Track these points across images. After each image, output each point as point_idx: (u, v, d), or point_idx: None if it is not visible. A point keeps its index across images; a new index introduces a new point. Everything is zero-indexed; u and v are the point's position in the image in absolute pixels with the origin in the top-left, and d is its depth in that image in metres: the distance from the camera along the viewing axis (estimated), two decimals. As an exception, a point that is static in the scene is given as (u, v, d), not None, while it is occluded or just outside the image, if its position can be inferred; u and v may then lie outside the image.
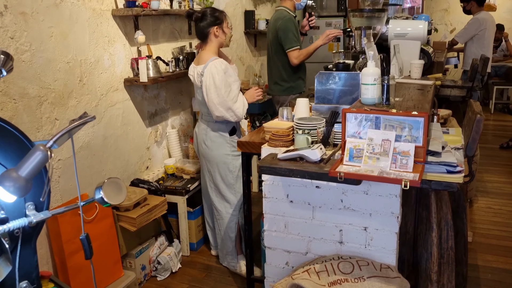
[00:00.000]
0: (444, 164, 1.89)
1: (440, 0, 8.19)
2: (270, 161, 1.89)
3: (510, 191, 4.00)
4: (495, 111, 7.01)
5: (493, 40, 5.12)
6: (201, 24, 2.71)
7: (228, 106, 2.63)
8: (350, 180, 1.71)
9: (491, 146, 5.33)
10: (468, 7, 5.04)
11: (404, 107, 1.93)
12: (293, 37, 3.48)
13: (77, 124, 1.00)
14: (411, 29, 3.25)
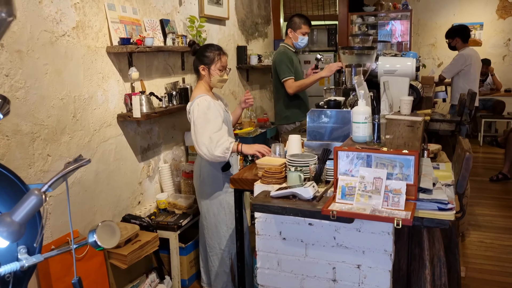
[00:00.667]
0: (435, 201, 1.91)
1: (427, 35, 8.40)
2: (263, 199, 1.90)
3: (502, 225, 4.02)
4: (484, 143, 7.10)
5: (479, 75, 5.25)
6: (195, 58, 2.77)
7: (211, 145, 2.52)
8: (343, 218, 1.72)
9: (481, 179, 5.37)
10: (453, 43, 5.18)
11: (394, 145, 1.96)
12: (286, 68, 3.61)
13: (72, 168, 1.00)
14: (400, 66, 3.34)
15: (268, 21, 5.81)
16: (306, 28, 3.74)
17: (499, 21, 7.96)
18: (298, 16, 3.77)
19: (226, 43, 4.54)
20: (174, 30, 3.50)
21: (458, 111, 4.35)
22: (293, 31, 3.74)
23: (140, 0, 3.20)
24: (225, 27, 4.54)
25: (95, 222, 2.79)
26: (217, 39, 4.37)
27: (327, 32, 6.12)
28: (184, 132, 3.72)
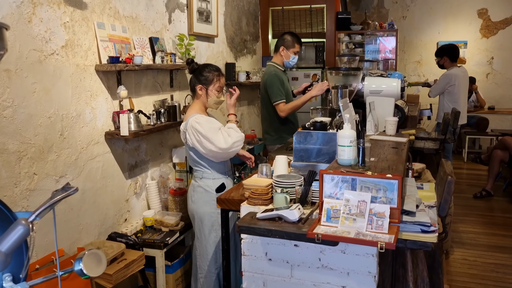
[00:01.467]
0: (419, 223, 1.94)
1: (413, 52, 8.56)
2: (249, 220, 1.91)
3: (485, 242, 4.07)
4: (468, 160, 7.21)
5: (465, 94, 5.35)
6: (192, 77, 2.76)
7: (224, 147, 2.59)
8: (328, 241, 1.74)
9: (465, 196, 5.45)
10: (442, 62, 5.28)
11: (379, 168, 2.00)
12: (278, 91, 3.60)
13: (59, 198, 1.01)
14: (386, 86, 3.40)
15: (256, 38, 5.88)
16: (298, 47, 3.74)
17: (483, 40, 8.15)
18: (291, 35, 3.75)
19: (215, 60, 4.58)
20: (163, 48, 3.53)
21: (442, 130, 4.42)
22: (285, 49, 3.72)
23: (130, 19, 3.22)
24: (214, 44, 4.59)
25: (80, 240, 2.78)
26: (206, 56, 4.40)
27: (315, 49, 6.19)
28: (171, 149, 3.73)
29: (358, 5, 8.67)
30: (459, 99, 5.11)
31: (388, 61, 6.37)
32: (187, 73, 4.01)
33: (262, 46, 6.04)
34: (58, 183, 2.60)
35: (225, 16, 4.85)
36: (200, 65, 2.78)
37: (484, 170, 6.04)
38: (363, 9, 8.48)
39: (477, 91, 7.63)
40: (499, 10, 7.99)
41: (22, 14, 2.34)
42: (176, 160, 3.72)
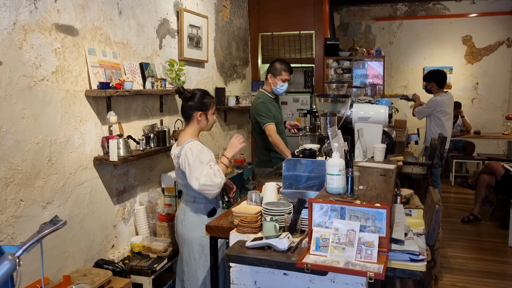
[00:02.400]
0: (407, 252, 1.95)
1: (400, 77, 8.70)
2: (238, 249, 1.90)
3: (473, 267, 4.08)
4: (455, 184, 7.28)
5: (451, 119, 5.43)
6: (187, 104, 2.72)
7: (205, 183, 2.57)
8: (317, 271, 1.74)
9: (453, 220, 5.48)
10: (429, 87, 5.36)
11: (368, 196, 2.01)
12: (265, 115, 3.60)
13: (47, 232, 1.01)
14: (374, 113, 3.44)
15: (246, 62, 5.95)
16: (287, 75, 3.68)
17: (468, 65, 8.33)
18: (279, 62, 3.71)
19: (204, 85, 4.61)
20: (153, 74, 3.55)
21: (430, 155, 4.47)
22: (273, 77, 3.68)
23: (121, 44, 3.25)
24: (204, 69, 4.63)
25: (66, 267, 2.73)
26: (196, 81, 4.44)
27: (303, 74, 6.28)
28: (160, 173, 3.71)
29: (346, 31, 8.83)
30: (446, 125, 5.18)
31: (376, 86, 6.47)
32: (177, 98, 4.03)
33: (252, 71, 6.11)
34: (45, 210, 2.57)
35: (215, 42, 4.91)
36: (192, 92, 2.76)
37: (472, 194, 6.09)
38: (351, 35, 8.64)
39: (463, 115, 7.75)
40: (482, 37, 8.19)
41: (13, 40, 2.35)
42: (165, 185, 3.71)
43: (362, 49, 6.65)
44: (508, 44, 8.09)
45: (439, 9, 8.40)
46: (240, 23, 5.71)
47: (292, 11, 6.08)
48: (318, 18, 6.02)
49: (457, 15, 8.27)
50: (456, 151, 7.78)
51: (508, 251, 4.47)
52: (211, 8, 4.79)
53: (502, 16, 8.04)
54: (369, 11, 8.74)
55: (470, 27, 8.24)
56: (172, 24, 3.98)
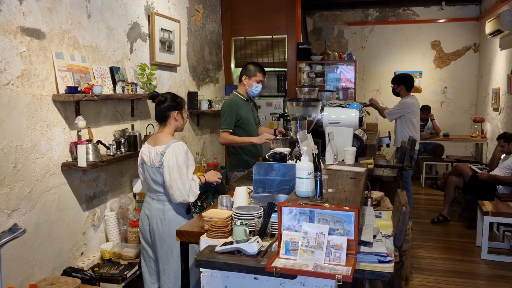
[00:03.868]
0: (376, 254, 1.98)
1: (372, 81, 8.84)
2: (208, 254, 1.90)
3: (443, 267, 4.17)
4: (426, 185, 7.43)
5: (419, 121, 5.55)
6: (163, 107, 2.77)
7: (188, 187, 2.64)
8: (286, 275, 1.75)
9: (423, 221, 5.59)
10: (398, 90, 5.46)
11: (336, 199, 2.04)
12: (226, 119, 3.61)
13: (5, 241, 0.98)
14: (345, 116, 3.48)
15: (219, 67, 5.95)
16: (261, 76, 3.74)
17: (436, 70, 8.53)
18: (253, 64, 3.78)
19: (177, 89, 4.58)
20: (124, 78, 3.51)
21: (400, 158, 4.56)
22: (248, 78, 3.72)
23: (90, 48, 3.20)
24: (176, 73, 4.60)
25: (33, 276, 2.67)
26: (168, 85, 4.41)
27: (276, 78, 6.31)
28: (132, 179, 3.67)
29: (319, 35, 8.93)
30: (415, 127, 5.29)
31: (348, 90, 6.56)
32: (149, 103, 3.99)
33: (225, 75, 6.11)
34: (10, 217, 2.50)
35: (187, 46, 4.89)
36: (164, 96, 2.80)
37: (441, 195, 6.22)
38: (324, 39, 8.74)
39: (433, 118, 7.92)
40: (450, 42, 8.41)
41: (-25, 44, 2.28)
42: (137, 190, 3.66)
43: (334, 53, 6.73)
44: (475, 49, 8.33)
45: (408, 14, 8.58)
46: (213, 27, 5.71)
47: (264, 16, 6.11)
48: (290, 22, 6.06)
49: (426, 21, 8.48)
50: (426, 154, 7.95)
51: (475, 250, 4.58)
52: (183, 12, 4.78)
53: (469, 22, 8.27)
54: (341, 16, 8.87)
55: (438, 32, 8.45)
56: (143, 28, 3.95)
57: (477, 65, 8.31)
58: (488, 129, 7.46)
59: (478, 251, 4.49)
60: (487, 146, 7.45)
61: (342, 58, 6.62)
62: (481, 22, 7.99)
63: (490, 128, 7.34)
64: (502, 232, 4.73)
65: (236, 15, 6.14)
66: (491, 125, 7.32)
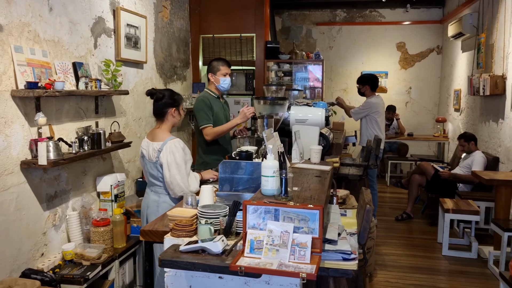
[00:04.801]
0: (340, 252, 2.01)
1: (339, 81, 8.96)
2: (172, 254, 1.87)
3: (406, 264, 4.27)
4: (390, 184, 7.59)
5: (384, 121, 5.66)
6: (161, 103, 2.90)
7: (187, 182, 2.80)
8: (251, 274, 1.74)
9: (387, 219, 5.71)
10: (363, 90, 5.55)
11: (301, 198, 2.04)
12: (204, 115, 3.57)
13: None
14: (312, 115, 3.51)
15: (187, 64, 5.89)
16: (226, 69, 3.69)
17: (401, 71, 8.73)
18: (216, 60, 3.75)
19: (143, 86, 4.51)
20: (87, 74, 3.42)
21: (365, 157, 4.63)
22: (213, 75, 3.67)
23: (51, 43, 3.10)
24: (143, 70, 4.53)
25: (-10, 279, 2.56)
26: (134, 82, 4.33)
27: (245, 76, 6.30)
28: (95, 177, 3.58)
29: (288, 34, 8.97)
30: (380, 126, 5.39)
31: (315, 89, 6.61)
32: (114, 99, 3.91)
33: (193, 73, 6.06)
34: (-35, 218, 2.39)
35: (154, 42, 4.81)
36: (162, 93, 2.92)
37: (405, 193, 6.37)
38: (292, 38, 8.79)
39: (398, 118, 8.10)
40: (415, 44, 8.62)
41: None
42: (100, 189, 3.58)
43: (302, 52, 6.78)
44: (438, 51, 8.56)
45: (375, 16, 8.74)
46: (180, 24, 5.64)
47: (233, 14, 6.09)
48: (259, 21, 6.06)
49: (392, 23, 8.65)
50: (391, 153, 8.12)
51: (437, 247, 4.71)
52: (150, 8, 4.70)
53: (432, 25, 8.50)
54: (309, 16, 8.94)
55: (403, 34, 8.65)
56: (108, 23, 3.86)
57: (440, 67, 8.55)
58: (450, 129, 7.69)
59: (439, 248, 4.62)
60: (449, 145, 7.68)
61: (309, 58, 6.68)
62: (444, 25, 8.22)
63: (452, 128, 7.56)
64: (462, 229, 4.88)
65: (205, 13, 6.10)
66: (452, 125, 7.54)
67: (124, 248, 3.34)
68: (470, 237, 4.61)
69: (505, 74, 5.03)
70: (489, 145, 5.51)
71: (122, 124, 4.02)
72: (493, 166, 5.10)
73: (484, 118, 5.80)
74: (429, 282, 3.87)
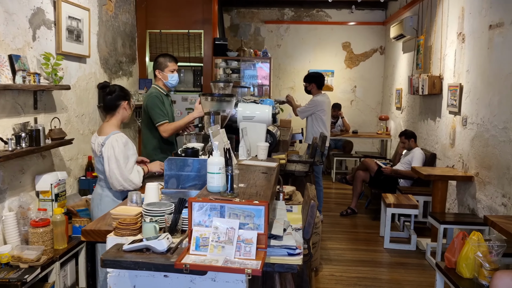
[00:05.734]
0: (285, 247, 2.04)
1: (287, 79, 9.08)
2: (114, 253, 1.82)
3: (350, 257, 4.40)
4: (336, 180, 7.79)
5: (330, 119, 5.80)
6: (114, 96, 2.91)
7: (126, 177, 2.79)
8: (196, 271, 1.73)
9: (333, 214, 5.86)
10: (309, 88, 5.65)
11: (247, 194, 2.05)
12: (160, 112, 3.50)
13: None
14: (259, 112, 3.53)
15: (133, 60, 5.75)
16: (173, 65, 3.65)
17: (347, 70, 8.97)
18: (162, 56, 3.68)
19: (86, 81, 4.36)
20: (25, 67, 3.26)
21: (311, 153, 4.72)
22: (161, 72, 3.61)
23: (-15, 34, 2.93)
24: (85, 65, 4.37)
25: None
26: (76, 77, 4.17)
27: (192, 73, 6.25)
28: (34, 176, 3.43)
29: (236, 32, 8.98)
30: (326, 124, 5.52)
31: (263, 86, 6.67)
32: (54, 94, 3.76)
33: (139, 68, 5.92)
34: None
35: (98, 36, 4.66)
36: (114, 86, 2.96)
37: (350, 189, 6.56)
38: (241, 36, 8.81)
39: (343, 116, 8.32)
40: (360, 44, 8.89)
41: None
42: (39, 188, 3.43)
43: (249, 50, 6.81)
44: (381, 52, 8.87)
45: (322, 16, 8.92)
46: (126, 19, 5.50)
47: (181, 9, 6.01)
48: (207, 17, 6.03)
49: (338, 23, 8.87)
50: (337, 150, 8.34)
51: (379, 240, 4.90)
52: (94, 0, 4.54)
53: (376, 26, 8.79)
54: (258, 14, 8.99)
55: (349, 34, 8.89)
56: (48, 14, 3.69)
57: (383, 67, 8.87)
58: (392, 127, 8.00)
59: (382, 241, 4.81)
60: (391, 142, 7.99)
61: (257, 55, 6.72)
62: (386, 27, 8.53)
63: (394, 126, 7.87)
64: (402, 222, 5.10)
65: (151, 7, 5.98)
66: (394, 123, 7.85)
67: (65, 249, 3.22)
68: (410, 230, 4.82)
69: (442, 74, 5.30)
70: (428, 142, 5.78)
71: (63, 120, 3.86)
72: (431, 162, 5.36)
73: (423, 116, 6.08)
74: (371, 274, 4.02)
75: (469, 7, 4.58)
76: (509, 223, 2.77)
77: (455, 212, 4.67)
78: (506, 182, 3.65)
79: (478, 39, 4.33)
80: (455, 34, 4.94)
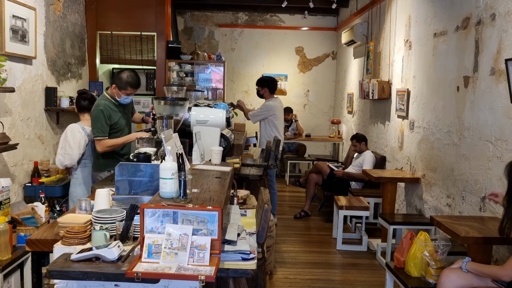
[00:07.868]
0: (239, 252, 2.04)
1: (241, 83, 9.10)
2: (62, 263, 1.75)
3: (303, 260, 4.45)
4: (290, 183, 7.87)
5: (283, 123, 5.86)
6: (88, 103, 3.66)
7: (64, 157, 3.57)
8: (149, 279, 1.69)
9: (287, 217, 5.91)
10: (262, 92, 5.68)
11: (201, 199, 2.04)
12: (100, 127, 3.44)
13: None
14: (213, 116, 3.52)
15: (83, 62, 5.57)
16: (132, 91, 3.59)
17: (300, 74, 9.11)
18: (127, 75, 3.55)
19: (32, 84, 4.18)
20: (-36, 68, 3.08)
21: (265, 157, 4.75)
22: (117, 89, 3.55)
23: None
24: (31, 66, 4.19)
25: None
26: (21, 79, 3.99)
27: (145, 76, 6.14)
28: (-25, 183, 3.24)
29: (190, 35, 8.91)
30: (279, 128, 5.57)
31: (217, 90, 6.65)
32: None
33: (89, 71, 5.75)
34: None
35: (45, 37, 4.49)
36: None
37: (303, 192, 6.65)
38: (195, 39, 8.75)
39: (296, 119, 8.43)
40: (312, 49, 9.05)
41: None
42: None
43: (203, 53, 6.78)
44: (333, 57, 9.07)
45: (275, 20, 9.02)
46: (75, 19, 5.33)
47: (133, 11, 5.90)
48: (160, 20, 5.94)
49: (291, 28, 9.00)
50: (290, 153, 8.44)
51: (332, 242, 4.99)
52: (40, -1, 4.37)
53: (328, 31, 8.99)
54: (212, 17, 8.96)
55: (302, 39, 9.03)
56: (-10, 13, 3.52)
57: (335, 71, 9.07)
58: (344, 130, 8.19)
59: (334, 243, 4.90)
60: (343, 145, 8.18)
61: (211, 59, 6.70)
62: (338, 32, 8.73)
63: (345, 129, 8.06)
64: (354, 224, 5.23)
65: (102, 8, 5.83)
66: (346, 127, 8.04)
67: (9, 259, 3.06)
68: (361, 231, 4.94)
69: (390, 80, 5.48)
70: (378, 145, 5.96)
71: (7, 124, 3.68)
72: (381, 165, 5.53)
73: (373, 120, 6.26)
74: (324, 276, 4.08)
75: (416, 16, 4.78)
76: (454, 223, 2.90)
77: (403, 213, 4.84)
78: (450, 183, 3.83)
79: (424, 46, 4.52)
80: (403, 41, 5.13)
